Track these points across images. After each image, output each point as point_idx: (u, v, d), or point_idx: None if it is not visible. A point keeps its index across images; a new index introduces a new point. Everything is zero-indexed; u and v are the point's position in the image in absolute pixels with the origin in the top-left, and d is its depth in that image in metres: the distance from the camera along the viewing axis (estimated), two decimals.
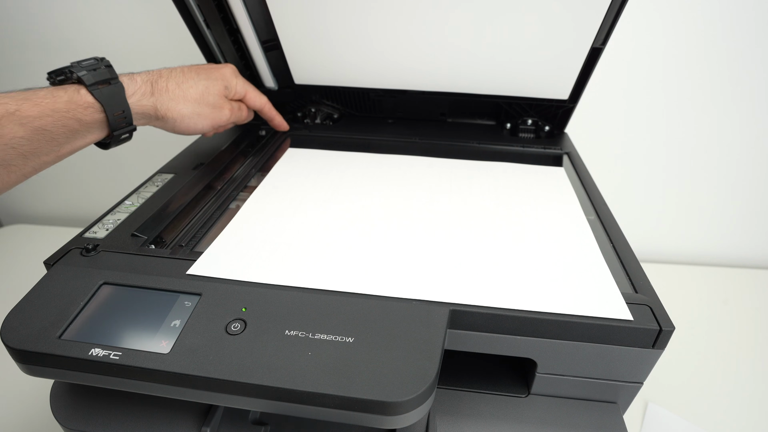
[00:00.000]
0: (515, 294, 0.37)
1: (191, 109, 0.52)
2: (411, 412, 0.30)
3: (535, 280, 0.39)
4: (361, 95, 0.70)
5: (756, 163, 0.84)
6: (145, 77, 0.49)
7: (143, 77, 0.49)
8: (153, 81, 0.49)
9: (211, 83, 0.54)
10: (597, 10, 0.52)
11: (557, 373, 0.38)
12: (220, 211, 0.51)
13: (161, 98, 0.49)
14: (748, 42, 0.74)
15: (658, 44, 0.76)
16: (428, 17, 0.56)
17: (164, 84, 0.50)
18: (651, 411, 0.62)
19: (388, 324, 0.34)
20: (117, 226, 0.45)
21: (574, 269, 0.41)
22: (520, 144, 0.66)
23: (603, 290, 0.38)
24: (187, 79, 0.52)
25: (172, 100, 0.50)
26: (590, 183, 0.56)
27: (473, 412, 0.39)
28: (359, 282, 0.38)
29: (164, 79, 0.50)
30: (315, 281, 0.38)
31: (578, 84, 0.61)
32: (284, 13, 0.59)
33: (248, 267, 0.40)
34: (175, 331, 0.34)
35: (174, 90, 0.51)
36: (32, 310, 0.35)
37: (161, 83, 0.50)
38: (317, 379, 0.30)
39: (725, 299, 0.82)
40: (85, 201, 1.08)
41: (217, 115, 0.55)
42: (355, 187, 0.54)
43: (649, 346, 0.35)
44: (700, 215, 0.92)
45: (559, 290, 0.38)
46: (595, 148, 0.77)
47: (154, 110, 0.49)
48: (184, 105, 0.51)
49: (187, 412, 0.38)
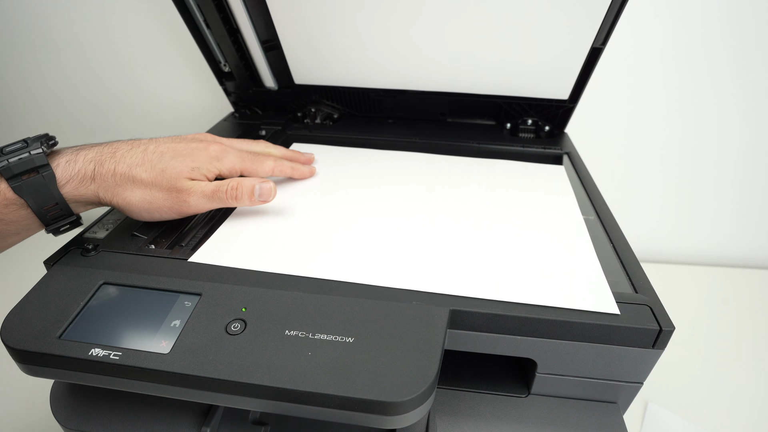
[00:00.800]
0: (505, 285, 0.38)
1: (140, 195, 0.41)
2: (411, 412, 0.30)
3: (526, 273, 0.40)
4: (361, 95, 0.70)
5: (756, 163, 0.84)
6: (92, 156, 0.41)
7: (90, 155, 0.41)
8: (99, 162, 0.40)
9: (174, 163, 0.42)
10: (597, 10, 0.52)
11: (557, 373, 0.38)
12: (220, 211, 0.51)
13: (104, 184, 0.40)
14: (748, 42, 0.74)
15: (658, 44, 0.75)
16: (428, 17, 0.56)
17: (112, 166, 0.40)
18: (651, 411, 0.62)
19: (388, 324, 0.34)
20: (117, 226, 0.45)
21: (566, 263, 0.41)
22: (520, 144, 0.65)
23: (592, 285, 0.39)
24: (145, 161, 0.41)
25: (117, 185, 0.40)
26: (590, 183, 0.56)
27: (473, 412, 0.39)
28: (356, 271, 0.39)
29: (115, 160, 0.41)
30: (314, 270, 0.39)
31: (578, 84, 0.61)
32: (284, 13, 0.59)
33: (249, 256, 0.41)
34: (175, 331, 0.34)
35: (123, 173, 0.40)
36: (32, 310, 0.35)
37: (108, 165, 0.40)
38: (317, 379, 0.30)
39: (725, 299, 0.82)
40: None
41: (175, 200, 0.42)
42: (356, 181, 0.54)
43: (649, 346, 0.35)
44: (700, 215, 0.92)
45: (549, 283, 0.39)
46: (595, 148, 0.77)
47: (97, 198, 0.41)
48: (131, 191, 0.41)
49: (187, 412, 0.38)
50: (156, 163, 0.42)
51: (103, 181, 0.40)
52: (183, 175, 0.42)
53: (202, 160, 0.44)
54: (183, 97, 0.91)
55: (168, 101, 0.92)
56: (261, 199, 0.44)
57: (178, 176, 0.42)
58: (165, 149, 0.43)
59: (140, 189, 0.41)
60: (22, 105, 0.96)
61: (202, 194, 0.43)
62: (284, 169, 0.52)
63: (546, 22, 0.55)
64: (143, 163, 0.41)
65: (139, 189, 0.41)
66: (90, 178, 0.40)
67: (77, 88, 0.92)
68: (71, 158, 0.40)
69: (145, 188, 0.41)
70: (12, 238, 0.39)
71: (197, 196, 0.43)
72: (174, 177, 0.42)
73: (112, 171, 0.41)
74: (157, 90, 0.91)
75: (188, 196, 0.42)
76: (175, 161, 0.42)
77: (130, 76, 0.90)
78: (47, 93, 0.94)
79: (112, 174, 0.40)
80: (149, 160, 0.42)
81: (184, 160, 0.43)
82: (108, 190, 0.41)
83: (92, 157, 0.41)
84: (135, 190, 0.41)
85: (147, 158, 0.42)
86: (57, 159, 0.39)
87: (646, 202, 0.91)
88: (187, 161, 0.43)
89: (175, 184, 0.42)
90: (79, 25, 0.85)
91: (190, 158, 0.43)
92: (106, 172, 0.40)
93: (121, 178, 0.41)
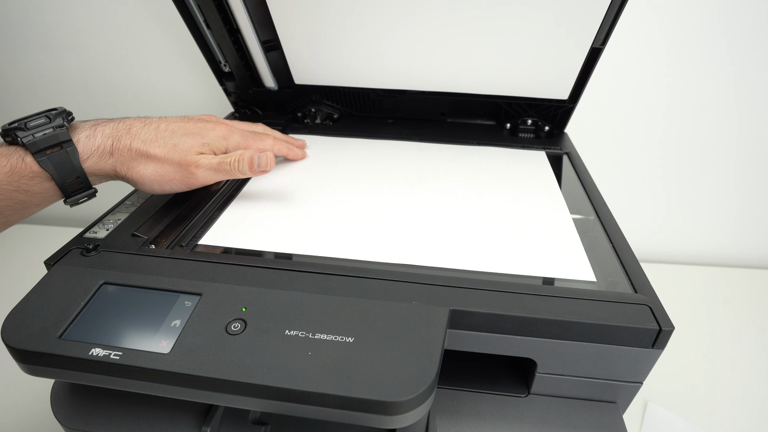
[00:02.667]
0: (487, 257, 0.42)
1: (153, 169, 0.45)
2: (411, 412, 0.30)
3: (511, 248, 0.44)
4: (361, 95, 0.70)
5: (756, 163, 0.84)
6: (110, 132, 0.44)
7: (107, 131, 0.44)
8: (116, 138, 0.44)
9: (185, 140, 0.46)
10: (597, 11, 0.53)
11: (557, 373, 0.38)
12: (220, 211, 0.51)
13: (121, 158, 0.43)
14: (748, 42, 0.74)
15: (658, 44, 0.76)
16: (428, 17, 0.56)
17: (128, 142, 0.44)
18: (651, 411, 0.62)
19: (388, 324, 0.34)
20: (117, 226, 0.45)
21: (546, 236, 0.45)
22: (520, 144, 0.66)
23: (571, 255, 0.43)
24: (158, 138, 0.45)
25: (133, 159, 0.44)
26: (590, 183, 0.56)
27: (473, 412, 0.39)
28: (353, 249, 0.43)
29: (130, 136, 0.44)
30: (317, 249, 0.43)
31: (578, 84, 0.62)
32: (284, 13, 0.59)
33: (255, 237, 0.45)
34: (175, 331, 0.34)
35: (138, 148, 0.44)
36: (33, 310, 0.35)
37: (125, 140, 0.44)
38: (317, 379, 0.30)
39: (725, 299, 0.82)
40: None
41: (185, 174, 0.46)
42: (351, 168, 0.58)
43: (648, 345, 0.35)
44: (700, 215, 0.92)
45: (532, 256, 0.42)
46: (595, 148, 0.77)
47: (114, 172, 0.44)
48: (144, 166, 0.44)
49: (187, 412, 0.38)
50: (168, 139, 0.45)
51: (121, 155, 0.44)
52: (193, 150, 0.46)
53: (211, 138, 0.48)
54: (183, 97, 0.91)
55: (168, 101, 0.92)
56: (260, 168, 0.47)
57: (189, 151, 0.46)
58: (175, 128, 0.47)
59: (153, 163, 0.45)
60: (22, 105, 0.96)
61: (209, 166, 0.46)
62: (281, 148, 0.57)
63: (546, 22, 0.55)
64: (156, 139, 0.45)
65: (152, 163, 0.45)
66: (108, 153, 0.43)
67: (77, 88, 0.92)
68: (90, 133, 0.43)
69: (157, 163, 0.45)
70: (33, 208, 0.42)
71: (204, 168, 0.46)
72: (185, 151, 0.46)
73: (128, 146, 0.44)
74: (158, 90, 0.91)
75: (196, 168, 0.46)
76: (186, 138, 0.46)
77: (130, 76, 0.90)
78: (48, 93, 0.94)
79: (128, 149, 0.44)
80: (161, 137, 0.45)
81: (195, 138, 0.47)
82: (124, 164, 0.44)
83: (109, 132, 0.44)
84: (148, 165, 0.44)
85: (159, 135, 0.45)
86: (77, 134, 0.42)
87: (645, 201, 0.91)
88: (197, 138, 0.47)
89: (185, 157, 0.45)
90: (79, 25, 0.85)
91: (200, 136, 0.47)
92: (122, 147, 0.44)
93: (136, 153, 0.44)
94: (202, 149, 0.47)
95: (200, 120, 0.50)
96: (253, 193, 0.53)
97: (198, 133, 0.47)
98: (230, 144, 0.50)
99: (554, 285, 0.40)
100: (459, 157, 0.61)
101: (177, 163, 0.45)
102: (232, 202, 0.51)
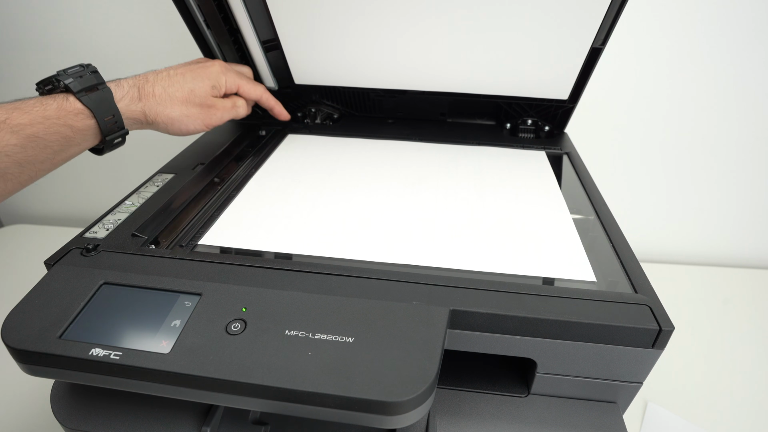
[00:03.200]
0: (488, 257, 0.42)
1: (179, 111, 0.52)
2: (411, 412, 0.30)
3: (512, 249, 0.44)
4: (361, 95, 0.70)
5: (756, 163, 0.84)
6: (132, 82, 0.49)
7: (130, 82, 0.49)
8: (140, 86, 0.50)
9: (198, 83, 0.54)
10: (597, 11, 0.53)
11: (557, 373, 0.38)
12: (220, 211, 0.51)
13: (149, 103, 0.50)
14: (748, 41, 0.74)
15: (658, 44, 0.76)
16: (428, 17, 0.56)
17: (150, 89, 0.50)
18: (651, 411, 0.62)
19: (388, 324, 0.34)
20: (117, 226, 0.45)
21: (546, 236, 0.45)
22: (520, 144, 0.66)
23: (571, 255, 0.43)
24: (174, 83, 0.52)
25: (159, 104, 0.50)
26: (590, 183, 0.56)
27: (473, 412, 0.39)
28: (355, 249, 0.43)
29: (150, 84, 0.50)
30: (317, 249, 0.43)
31: (578, 84, 0.61)
32: (284, 13, 0.59)
33: (254, 238, 0.45)
34: (175, 331, 0.34)
35: (161, 94, 0.51)
36: (33, 310, 0.35)
37: (147, 88, 0.50)
38: (317, 379, 0.30)
39: (725, 299, 0.82)
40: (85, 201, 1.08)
41: (206, 114, 0.55)
42: (351, 168, 0.58)
43: (648, 346, 0.35)
44: (700, 215, 0.92)
45: (529, 255, 0.43)
46: (595, 148, 0.77)
47: (143, 115, 0.50)
48: (171, 108, 0.51)
49: (187, 412, 0.38)
50: (183, 83, 0.53)
51: (148, 100, 0.50)
52: (209, 94, 0.55)
53: (214, 77, 0.56)
54: None
55: None
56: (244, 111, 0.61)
57: (206, 95, 0.55)
58: (183, 71, 0.54)
59: (178, 106, 0.52)
60: None
61: (224, 108, 0.57)
62: (270, 100, 0.65)
63: (546, 21, 0.55)
64: (172, 84, 0.52)
65: (178, 106, 0.52)
66: (137, 98, 0.49)
67: None
68: (115, 84, 0.48)
69: (182, 105, 0.52)
70: (75, 147, 0.46)
71: (221, 110, 0.57)
72: (203, 96, 0.54)
73: (152, 92, 0.50)
74: None
75: (216, 110, 0.56)
76: (197, 81, 0.54)
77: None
78: None
79: (152, 95, 0.50)
80: (176, 81, 0.52)
81: (203, 80, 0.55)
82: (152, 108, 0.50)
83: (132, 83, 0.50)
84: (174, 107, 0.52)
85: (174, 80, 0.52)
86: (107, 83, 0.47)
87: (645, 201, 0.91)
88: (206, 81, 0.55)
89: (205, 101, 0.55)
90: (79, 25, 0.85)
91: (206, 77, 0.55)
92: (147, 93, 0.50)
93: (160, 97, 0.51)
94: (213, 92, 0.56)
95: (197, 63, 0.57)
96: (253, 193, 0.53)
97: (203, 75, 0.55)
98: (228, 80, 0.58)
99: (554, 285, 0.40)
100: (459, 157, 0.61)
101: (199, 105, 0.54)
102: (232, 202, 0.51)
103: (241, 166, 0.59)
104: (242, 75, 0.61)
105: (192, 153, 0.61)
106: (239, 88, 0.60)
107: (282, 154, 0.62)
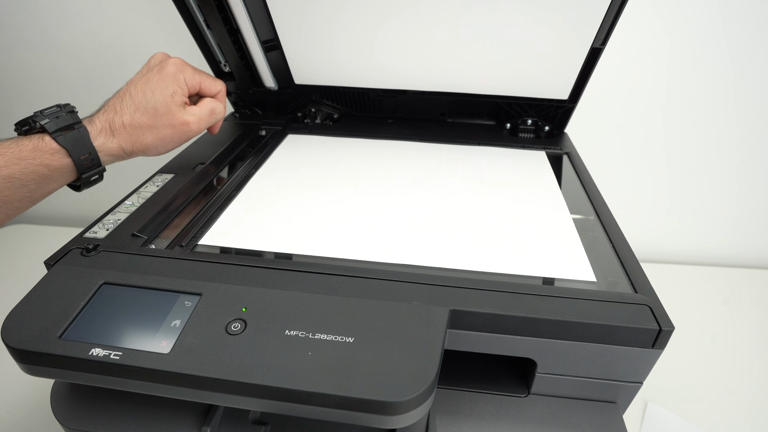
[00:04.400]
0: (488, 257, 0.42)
1: (152, 137, 0.50)
2: (411, 412, 0.30)
3: (508, 246, 0.44)
4: (361, 95, 0.70)
5: (756, 163, 0.84)
6: (103, 118, 0.48)
7: (102, 118, 0.48)
8: (110, 120, 0.48)
9: (157, 97, 0.50)
10: (597, 10, 0.53)
11: (557, 373, 0.38)
12: (220, 211, 0.51)
13: (122, 136, 0.49)
14: (748, 41, 0.74)
15: (658, 44, 0.75)
16: (428, 17, 0.56)
17: (119, 120, 0.49)
18: (651, 411, 0.62)
19: (388, 324, 0.34)
20: (117, 226, 0.45)
21: (546, 236, 0.45)
22: (520, 144, 0.66)
23: (571, 255, 0.43)
24: (137, 106, 0.49)
25: (131, 135, 0.49)
26: (590, 183, 0.56)
27: (473, 412, 0.39)
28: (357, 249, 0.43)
29: (119, 115, 0.49)
30: (318, 249, 0.43)
31: (578, 84, 0.61)
32: (284, 13, 0.59)
33: (254, 238, 0.45)
34: (175, 331, 0.34)
35: (130, 123, 0.49)
36: (33, 310, 0.35)
37: (117, 120, 0.48)
38: (317, 379, 0.30)
39: (725, 299, 0.82)
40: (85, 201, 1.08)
41: (180, 133, 0.51)
42: (351, 168, 0.58)
43: (648, 345, 0.35)
44: (700, 215, 0.92)
45: (529, 255, 0.43)
46: (595, 148, 0.77)
47: (121, 150, 0.49)
48: (143, 136, 0.49)
49: (187, 412, 0.38)
50: (144, 103, 0.49)
51: (120, 134, 0.48)
52: (171, 106, 0.50)
53: (171, 81, 0.51)
54: None
55: None
56: None
57: (170, 110, 0.50)
58: (140, 87, 0.50)
59: (148, 132, 0.50)
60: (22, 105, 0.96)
61: (200, 120, 0.53)
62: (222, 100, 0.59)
63: (546, 22, 0.55)
64: (137, 108, 0.49)
65: (148, 132, 0.50)
66: (110, 134, 0.48)
67: (77, 89, 0.92)
68: (88, 121, 0.48)
69: (150, 129, 0.50)
70: (53, 184, 0.46)
71: (196, 124, 0.52)
72: (166, 112, 0.50)
73: (122, 124, 0.49)
74: None
75: (189, 126, 0.52)
76: (156, 95, 0.50)
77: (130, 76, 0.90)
78: (48, 93, 0.93)
79: (123, 126, 0.49)
80: (137, 102, 0.49)
81: (161, 91, 0.50)
82: (127, 140, 0.49)
83: (104, 119, 0.48)
84: (145, 134, 0.49)
85: (135, 102, 0.49)
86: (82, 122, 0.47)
87: (645, 201, 0.91)
88: (164, 90, 0.50)
89: (171, 120, 0.50)
90: (78, 26, 0.85)
91: (163, 85, 0.50)
92: (118, 126, 0.48)
93: (131, 127, 0.49)
94: (177, 100, 0.51)
95: (152, 68, 0.53)
96: (253, 193, 0.53)
97: (160, 84, 0.50)
98: (187, 77, 0.53)
99: (554, 285, 0.40)
100: (459, 157, 0.61)
101: (170, 126, 0.50)
102: (232, 202, 0.51)
103: (241, 166, 0.59)
104: (200, 71, 0.56)
105: (192, 153, 0.61)
106: (200, 84, 0.55)
107: (282, 154, 0.62)
